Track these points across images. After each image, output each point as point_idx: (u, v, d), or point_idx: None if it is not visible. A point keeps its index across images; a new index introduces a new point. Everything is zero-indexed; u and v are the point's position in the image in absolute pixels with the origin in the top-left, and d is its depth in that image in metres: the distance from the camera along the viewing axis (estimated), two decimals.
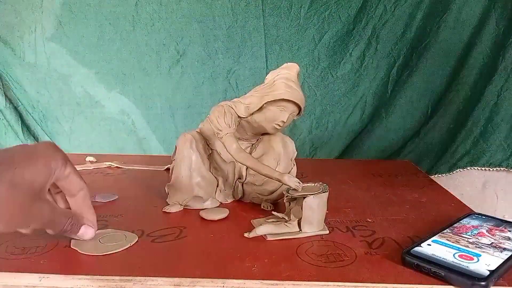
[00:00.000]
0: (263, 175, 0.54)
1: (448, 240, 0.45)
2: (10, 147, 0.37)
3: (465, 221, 0.51)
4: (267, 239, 0.47)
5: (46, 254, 0.44)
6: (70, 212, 0.42)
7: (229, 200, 0.61)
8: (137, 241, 0.47)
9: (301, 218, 0.49)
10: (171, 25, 0.92)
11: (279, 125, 0.55)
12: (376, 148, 0.97)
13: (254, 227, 0.49)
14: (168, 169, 0.66)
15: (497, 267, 0.39)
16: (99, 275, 0.39)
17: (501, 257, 0.41)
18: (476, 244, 0.44)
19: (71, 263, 0.42)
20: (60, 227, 0.40)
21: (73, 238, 0.44)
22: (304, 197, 0.48)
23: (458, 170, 0.92)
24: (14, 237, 0.48)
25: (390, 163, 0.86)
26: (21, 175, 0.34)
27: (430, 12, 0.90)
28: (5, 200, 0.32)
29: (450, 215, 0.56)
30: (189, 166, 0.57)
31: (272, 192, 0.58)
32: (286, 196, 0.51)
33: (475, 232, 0.48)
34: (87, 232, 0.43)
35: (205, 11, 0.91)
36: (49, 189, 0.40)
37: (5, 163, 0.33)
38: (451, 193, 0.67)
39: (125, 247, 0.45)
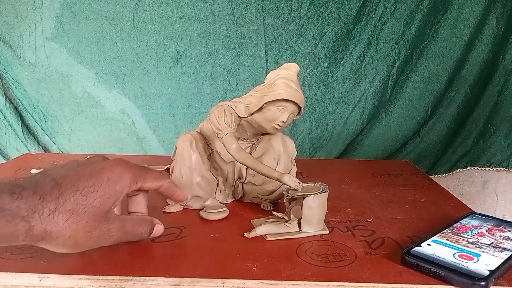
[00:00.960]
0: (263, 175, 0.54)
1: (448, 240, 0.45)
2: (78, 162, 0.35)
3: (465, 221, 0.51)
4: (267, 239, 0.47)
5: (46, 254, 0.43)
6: (142, 219, 0.42)
7: (229, 200, 0.60)
8: None
9: (301, 218, 0.49)
10: (171, 25, 0.92)
11: (279, 125, 0.55)
12: (376, 148, 0.97)
13: (254, 227, 0.49)
14: (168, 169, 0.66)
15: (497, 267, 0.39)
16: (99, 275, 0.39)
17: (501, 257, 0.41)
18: (476, 244, 0.44)
19: (71, 263, 0.42)
20: (137, 237, 0.40)
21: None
22: (304, 197, 0.48)
23: (458, 170, 0.92)
24: None
25: (390, 163, 0.86)
26: (83, 201, 0.34)
27: (430, 12, 0.90)
28: (66, 228, 0.33)
29: (450, 215, 0.56)
30: (189, 166, 0.56)
31: (272, 192, 0.58)
32: (286, 196, 0.51)
33: (475, 232, 0.48)
34: (158, 230, 0.44)
35: (205, 11, 0.92)
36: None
37: (69, 188, 0.33)
38: (451, 193, 0.67)
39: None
